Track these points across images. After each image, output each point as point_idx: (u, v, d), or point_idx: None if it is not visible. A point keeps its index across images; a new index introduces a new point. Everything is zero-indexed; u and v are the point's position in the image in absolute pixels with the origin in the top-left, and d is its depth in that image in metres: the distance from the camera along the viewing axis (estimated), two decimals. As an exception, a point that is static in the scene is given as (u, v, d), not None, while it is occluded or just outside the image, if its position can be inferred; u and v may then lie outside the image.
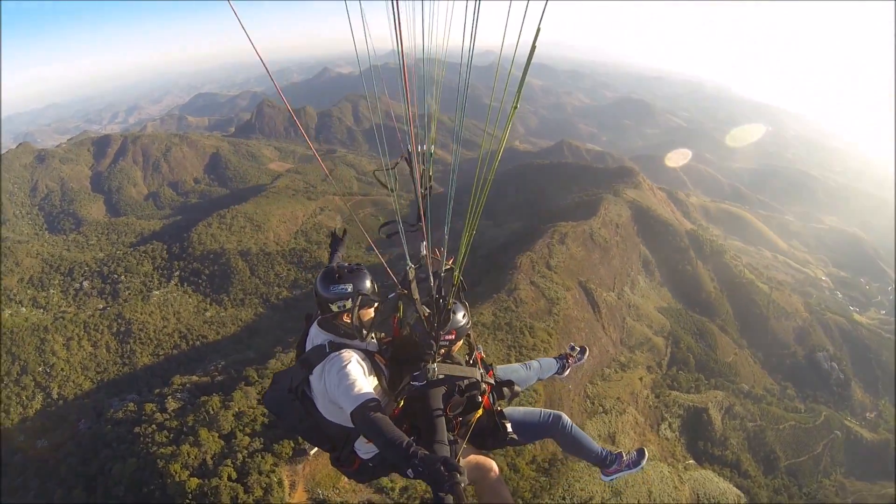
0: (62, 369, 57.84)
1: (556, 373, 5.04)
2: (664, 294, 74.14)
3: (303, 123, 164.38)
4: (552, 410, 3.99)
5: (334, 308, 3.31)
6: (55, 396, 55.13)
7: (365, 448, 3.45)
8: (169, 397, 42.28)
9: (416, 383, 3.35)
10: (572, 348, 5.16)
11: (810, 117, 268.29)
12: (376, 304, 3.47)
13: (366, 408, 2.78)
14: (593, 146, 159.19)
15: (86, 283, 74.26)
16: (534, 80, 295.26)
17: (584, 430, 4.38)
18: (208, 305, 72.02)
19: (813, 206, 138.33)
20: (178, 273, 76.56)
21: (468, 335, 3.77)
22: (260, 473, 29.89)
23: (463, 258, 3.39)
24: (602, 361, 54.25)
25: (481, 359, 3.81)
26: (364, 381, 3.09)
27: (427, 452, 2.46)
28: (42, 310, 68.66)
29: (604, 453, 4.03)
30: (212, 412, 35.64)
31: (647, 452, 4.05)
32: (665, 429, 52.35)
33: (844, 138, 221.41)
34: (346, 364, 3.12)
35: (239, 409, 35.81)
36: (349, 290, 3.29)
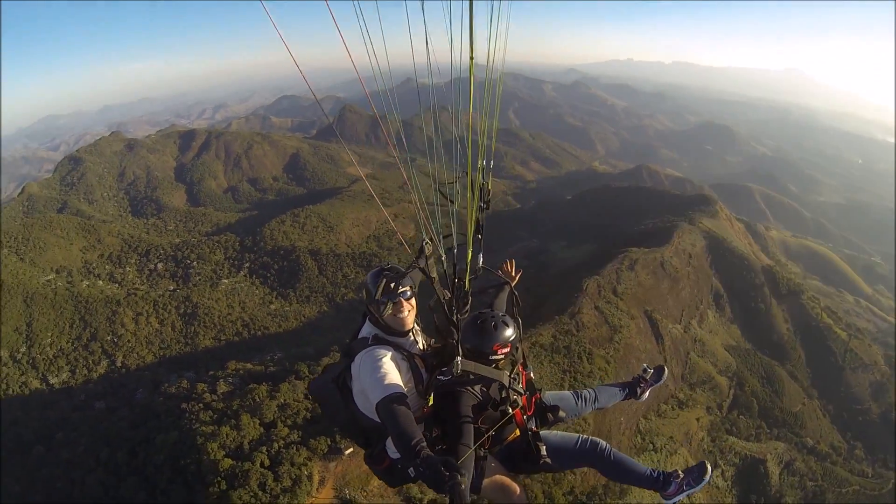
0: (129, 341, 62.14)
1: (628, 397, 4.59)
2: (733, 332, 69.15)
3: (385, 131, 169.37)
4: (590, 437, 3.77)
5: (385, 308, 3.34)
6: (118, 365, 59.23)
7: (395, 447, 3.36)
8: (221, 380, 44.33)
9: (442, 378, 3.37)
10: (645, 370, 4.59)
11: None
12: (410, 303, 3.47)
13: (391, 399, 2.81)
14: (673, 171, 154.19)
15: (160, 265, 79.20)
16: (616, 101, 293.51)
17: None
18: (273, 299, 74.34)
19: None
20: (248, 265, 79.64)
21: (515, 349, 3.63)
22: (292, 465, 29.98)
23: (474, 229, 3.63)
24: (659, 396, 50.43)
25: (528, 380, 3.66)
26: (396, 375, 3.10)
27: (432, 454, 2.38)
28: (117, 284, 74.33)
29: (655, 474, 3.69)
30: (257, 400, 36.58)
31: (708, 465, 3.62)
32: (717, 476, 47.95)
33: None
34: (381, 357, 3.17)
35: (284, 400, 36.42)
36: (394, 287, 3.34)
